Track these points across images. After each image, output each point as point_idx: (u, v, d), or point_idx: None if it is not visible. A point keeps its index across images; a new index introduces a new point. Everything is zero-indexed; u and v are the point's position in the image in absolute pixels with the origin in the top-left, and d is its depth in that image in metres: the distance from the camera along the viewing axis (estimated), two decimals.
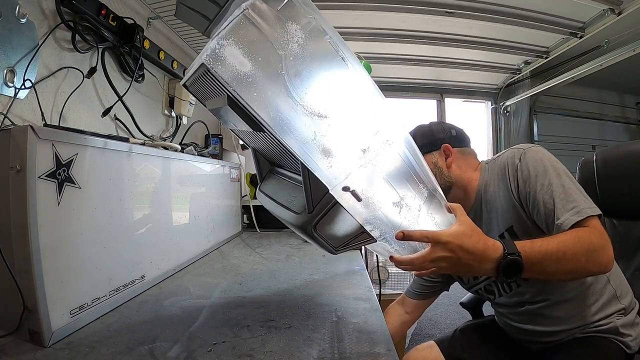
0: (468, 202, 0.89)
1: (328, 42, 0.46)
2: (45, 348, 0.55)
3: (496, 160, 0.85)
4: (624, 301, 0.79)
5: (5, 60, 0.75)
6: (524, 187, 0.75)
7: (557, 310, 0.79)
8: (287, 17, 0.43)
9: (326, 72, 0.46)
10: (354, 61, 0.48)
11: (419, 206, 0.59)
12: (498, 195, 0.81)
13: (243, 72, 0.41)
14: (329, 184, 0.49)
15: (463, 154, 0.91)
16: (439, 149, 0.90)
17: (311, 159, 0.47)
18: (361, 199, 0.51)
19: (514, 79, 2.86)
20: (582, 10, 1.80)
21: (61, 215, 0.59)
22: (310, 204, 0.53)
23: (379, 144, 0.51)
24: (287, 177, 0.71)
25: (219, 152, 1.87)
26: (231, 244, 1.45)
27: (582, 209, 0.66)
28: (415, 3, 1.79)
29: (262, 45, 0.41)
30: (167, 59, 1.40)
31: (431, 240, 0.57)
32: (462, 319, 1.18)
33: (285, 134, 0.45)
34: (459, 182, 0.89)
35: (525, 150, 0.78)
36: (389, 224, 0.57)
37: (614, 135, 3.59)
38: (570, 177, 0.72)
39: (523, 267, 0.59)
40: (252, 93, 0.42)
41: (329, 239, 0.57)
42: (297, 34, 0.43)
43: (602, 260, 0.63)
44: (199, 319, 0.68)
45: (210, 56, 0.40)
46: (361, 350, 0.55)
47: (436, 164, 0.89)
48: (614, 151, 1.04)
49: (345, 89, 0.49)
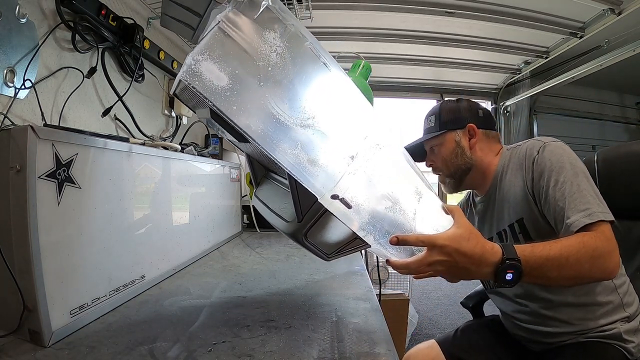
0: (485, 186, 0.89)
1: (309, 48, 0.44)
2: (45, 348, 0.55)
3: (517, 149, 0.84)
4: (629, 310, 0.78)
5: (5, 60, 0.75)
6: (538, 180, 0.73)
7: (561, 312, 0.79)
8: (264, 26, 0.41)
9: (308, 79, 0.45)
10: (336, 67, 0.47)
11: (414, 209, 0.57)
12: (513, 185, 0.80)
13: (221, 86, 0.40)
14: (318, 193, 0.48)
15: (487, 137, 0.90)
16: (463, 128, 0.89)
17: (297, 169, 0.46)
18: (351, 206, 0.50)
19: (514, 79, 2.85)
20: (582, 10, 1.79)
21: (61, 215, 0.59)
22: (299, 213, 0.52)
23: (368, 149, 0.50)
24: (280, 183, 0.71)
25: (219, 152, 1.88)
26: (231, 244, 1.45)
27: (595, 212, 0.64)
28: (415, 3, 1.79)
29: (239, 57, 0.40)
30: (167, 59, 1.40)
31: (427, 244, 0.55)
32: (462, 319, 1.18)
33: (269, 145, 0.44)
34: (478, 165, 0.88)
35: (546, 143, 0.76)
36: (382, 229, 0.55)
37: (614, 135, 3.59)
38: (588, 178, 0.70)
39: (522, 272, 0.57)
40: (232, 106, 0.41)
41: (321, 247, 0.57)
42: (275, 42, 0.42)
43: (607, 267, 0.62)
44: (199, 319, 0.68)
45: (187, 72, 0.39)
46: (361, 350, 0.55)
47: (459, 142, 0.88)
48: (615, 151, 1.04)
49: (328, 95, 0.47)
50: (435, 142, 0.92)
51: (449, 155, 0.89)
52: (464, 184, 0.92)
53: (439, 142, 0.91)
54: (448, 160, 0.89)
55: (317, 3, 1.70)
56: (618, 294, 0.78)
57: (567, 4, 1.75)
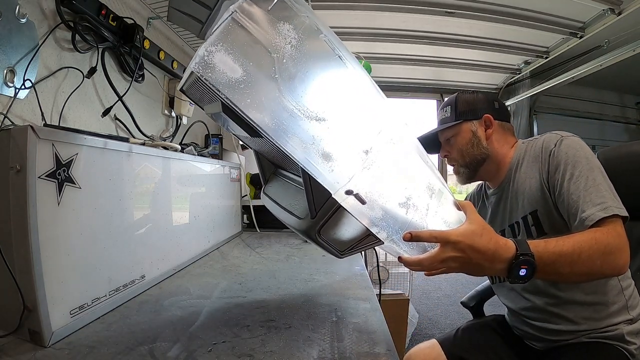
0: (498, 178, 0.89)
1: (323, 40, 0.43)
2: (45, 348, 0.55)
3: (533, 142, 0.84)
4: (633, 312, 0.79)
5: (5, 60, 0.75)
6: (554, 173, 0.74)
7: (568, 310, 0.79)
8: (279, 17, 0.40)
9: (323, 72, 0.44)
10: (351, 60, 0.46)
11: (427, 205, 0.57)
12: (528, 177, 0.81)
13: (234, 78, 0.39)
14: (331, 188, 0.48)
15: (503, 129, 0.90)
16: (479, 118, 0.89)
17: (311, 164, 0.45)
18: (365, 202, 0.49)
19: (514, 79, 2.85)
20: (582, 10, 1.80)
21: (61, 215, 0.59)
22: (312, 209, 0.52)
23: (382, 144, 0.49)
24: (290, 179, 0.70)
25: (219, 152, 1.87)
26: (231, 244, 1.45)
27: (610, 206, 0.64)
28: (415, 3, 1.79)
29: (253, 49, 0.39)
30: (167, 59, 1.40)
31: (440, 241, 0.55)
32: (462, 319, 1.18)
33: (283, 139, 0.43)
34: (494, 156, 0.88)
35: (563, 137, 0.77)
36: (396, 225, 0.55)
37: (614, 135, 3.59)
38: (604, 174, 0.71)
39: (536, 268, 0.57)
40: (246, 99, 0.40)
41: (334, 243, 0.56)
42: (289, 34, 0.41)
43: (618, 263, 0.62)
44: (199, 319, 0.68)
45: (199, 64, 0.38)
46: (361, 350, 0.55)
47: (475, 132, 0.88)
48: (615, 151, 1.04)
49: (343, 89, 0.47)
50: (451, 132, 0.92)
51: (465, 145, 0.89)
52: (478, 175, 0.92)
53: (455, 132, 0.91)
54: (464, 150, 0.90)
55: (317, 3, 1.70)
56: (624, 295, 0.79)
57: (567, 4, 1.75)
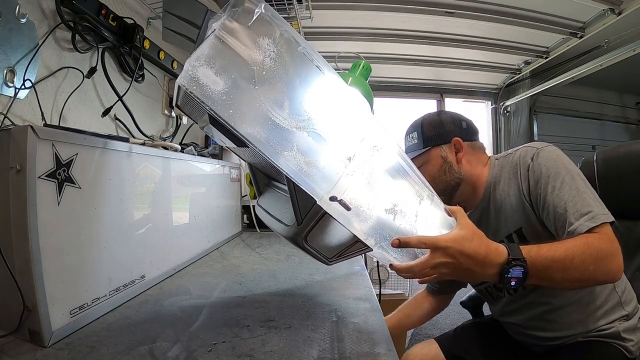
0: (475, 199, 0.86)
1: (301, 52, 0.46)
2: (45, 348, 0.55)
3: (508, 157, 0.82)
4: (628, 308, 0.78)
5: (5, 60, 0.75)
6: (535, 187, 0.72)
7: (561, 316, 0.78)
8: (258, 32, 0.43)
9: (302, 82, 0.46)
10: (328, 69, 0.48)
11: (416, 211, 0.57)
12: (508, 195, 0.78)
13: (217, 90, 0.42)
14: (316, 195, 0.48)
15: (473, 149, 0.87)
16: (449, 143, 0.86)
17: (294, 171, 0.46)
18: (350, 208, 0.50)
19: (514, 79, 2.85)
20: (582, 10, 1.80)
21: (61, 215, 0.59)
22: (298, 216, 0.52)
23: (366, 151, 0.50)
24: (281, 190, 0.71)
25: (219, 152, 1.88)
26: (231, 244, 1.45)
27: (597, 214, 0.63)
28: (415, 3, 1.79)
29: (234, 63, 0.42)
30: (167, 59, 1.40)
31: (429, 246, 0.55)
32: (462, 319, 1.17)
33: (265, 148, 0.45)
34: (468, 179, 0.85)
35: (539, 149, 0.75)
36: (383, 231, 0.55)
37: (614, 135, 3.59)
38: (585, 181, 0.69)
39: (528, 273, 0.56)
40: (229, 110, 0.42)
41: (321, 250, 0.57)
42: (269, 47, 0.44)
43: (611, 269, 0.61)
44: (199, 319, 0.68)
45: (184, 78, 0.41)
46: (361, 350, 0.55)
47: (446, 158, 0.85)
48: (615, 151, 1.04)
49: (322, 97, 0.48)
50: (420, 160, 0.88)
51: (437, 172, 0.86)
52: (453, 200, 0.88)
53: (425, 160, 0.87)
54: (436, 177, 0.86)
55: (317, 3, 1.70)
56: (616, 292, 0.78)
57: (567, 4, 1.75)
